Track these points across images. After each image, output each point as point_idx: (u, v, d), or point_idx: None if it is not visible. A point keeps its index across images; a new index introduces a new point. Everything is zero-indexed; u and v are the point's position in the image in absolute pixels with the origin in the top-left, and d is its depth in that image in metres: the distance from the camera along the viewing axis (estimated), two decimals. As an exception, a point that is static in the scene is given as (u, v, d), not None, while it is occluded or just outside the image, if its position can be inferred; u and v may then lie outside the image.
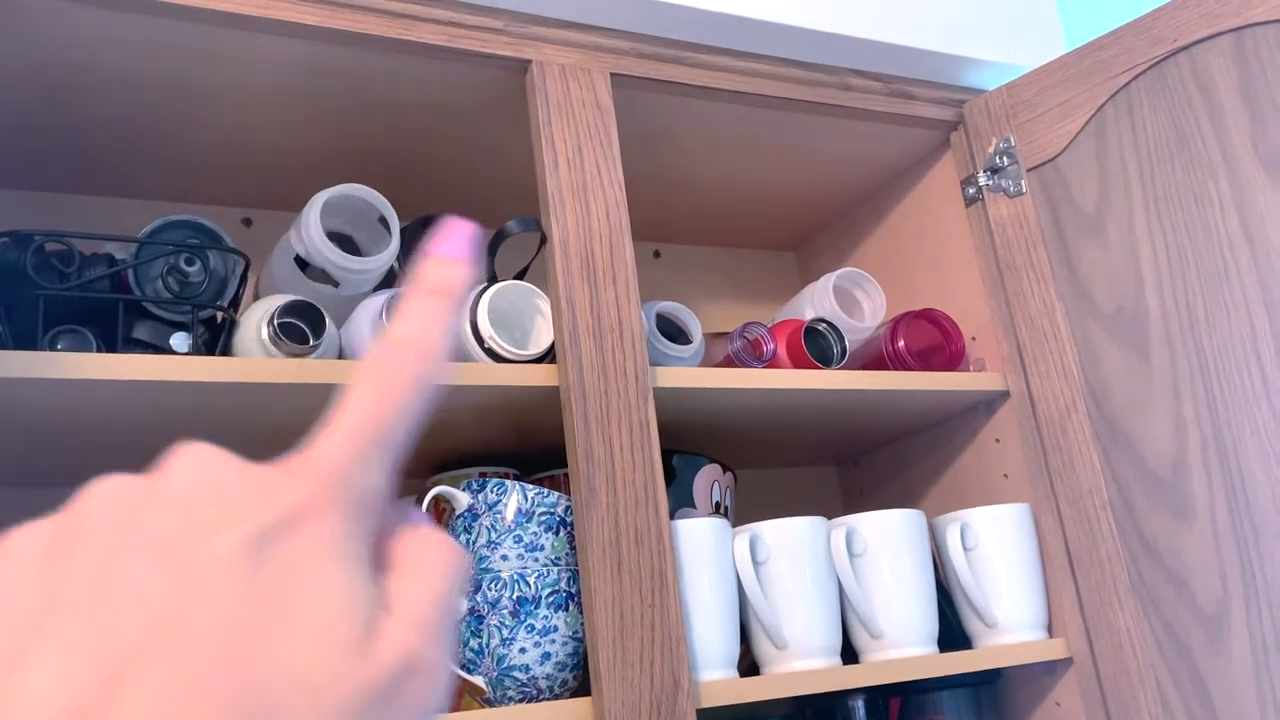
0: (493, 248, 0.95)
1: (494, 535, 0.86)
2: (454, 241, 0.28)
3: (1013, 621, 1.01)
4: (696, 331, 1.05)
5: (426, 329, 0.27)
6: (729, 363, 1.03)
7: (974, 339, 1.12)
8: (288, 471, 0.24)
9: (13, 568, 0.22)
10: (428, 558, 0.25)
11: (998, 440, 1.10)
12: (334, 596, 0.22)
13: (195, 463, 0.23)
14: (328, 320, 0.83)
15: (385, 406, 0.25)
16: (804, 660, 0.92)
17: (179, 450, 0.24)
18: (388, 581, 0.24)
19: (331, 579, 0.22)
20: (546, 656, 0.84)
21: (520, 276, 0.95)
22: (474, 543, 0.86)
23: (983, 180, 1.11)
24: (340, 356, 0.87)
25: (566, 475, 0.87)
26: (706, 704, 0.84)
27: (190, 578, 0.21)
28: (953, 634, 1.03)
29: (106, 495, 0.23)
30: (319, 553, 0.22)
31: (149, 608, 0.20)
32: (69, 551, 0.22)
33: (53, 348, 0.78)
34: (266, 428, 0.89)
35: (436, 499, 0.89)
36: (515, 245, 0.94)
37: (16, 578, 0.22)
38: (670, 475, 1.01)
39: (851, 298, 1.17)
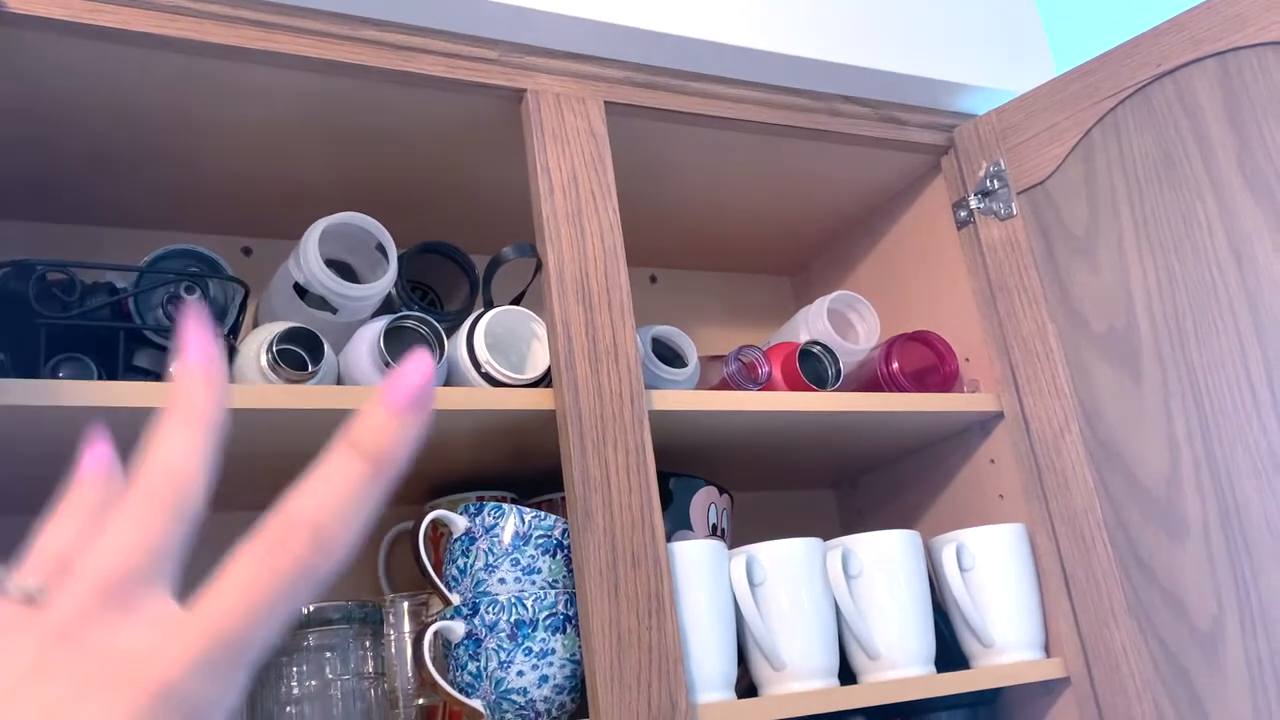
0: (489, 273, 0.96)
1: (491, 558, 0.86)
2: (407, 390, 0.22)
3: (1010, 641, 1.01)
4: (692, 355, 1.05)
5: (327, 500, 0.21)
6: (724, 386, 1.03)
7: (967, 360, 1.13)
8: (110, 673, 0.19)
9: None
10: None
11: (992, 461, 1.11)
12: None
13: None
14: (326, 347, 0.84)
15: (257, 595, 0.20)
16: (802, 681, 0.93)
17: None
18: None
19: None
20: (544, 679, 0.84)
21: (517, 302, 0.96)
22: (471, 566, 0.87)
23: (974, 203, 1.12)
24: (339, 382, 0.88)
25: (563, 498, 0.87)
26: (704, 726, 0.84)
27: None
28: (950, 654, 1.03)
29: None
30: None
31: None
32: None
33: (54, 375, 0.79)
34: (266, 453, 0.89)
35: (434, 523, 0.90)
36: (511, 271, 0.96)
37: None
38: (667, 498, 1.02)
39: (845, 320, 1.18)
